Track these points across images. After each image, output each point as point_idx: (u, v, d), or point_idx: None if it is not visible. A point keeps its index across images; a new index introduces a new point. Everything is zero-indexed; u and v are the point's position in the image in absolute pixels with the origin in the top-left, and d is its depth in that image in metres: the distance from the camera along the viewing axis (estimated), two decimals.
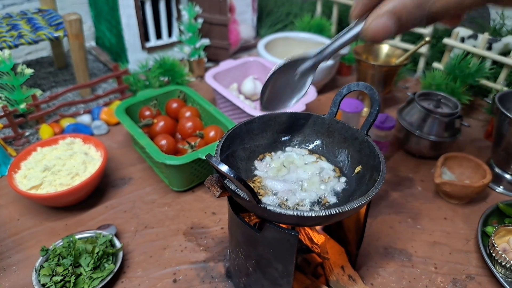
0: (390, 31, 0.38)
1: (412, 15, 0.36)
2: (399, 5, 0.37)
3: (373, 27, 0.38)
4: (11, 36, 1.07)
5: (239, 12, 1.42)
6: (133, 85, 1.15)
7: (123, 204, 0.85)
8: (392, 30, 0.38)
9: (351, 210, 0.46)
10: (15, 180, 0.80)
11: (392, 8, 0.37)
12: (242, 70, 1.18)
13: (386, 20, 0.37)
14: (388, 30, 0.38)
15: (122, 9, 1.18)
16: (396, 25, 0.38)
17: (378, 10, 0.38)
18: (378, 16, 0.38)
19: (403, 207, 0.86)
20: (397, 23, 0.37)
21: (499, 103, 0.85)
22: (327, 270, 0.67)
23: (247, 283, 0.62)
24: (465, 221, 0.82)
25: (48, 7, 1.24)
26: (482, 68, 1.09)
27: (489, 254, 0.71)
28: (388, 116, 0.93)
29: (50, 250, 0.70)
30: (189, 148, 0.88)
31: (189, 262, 0.73)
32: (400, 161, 0.99)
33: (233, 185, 0.48)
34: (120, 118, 0.92)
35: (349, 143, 0.61)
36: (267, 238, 0.52)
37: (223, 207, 0.85)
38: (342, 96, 0.60)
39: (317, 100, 1.20)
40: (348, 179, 0.60)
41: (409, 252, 0.75)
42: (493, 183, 0.91)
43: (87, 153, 0.87)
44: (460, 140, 1.05)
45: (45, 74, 1.34)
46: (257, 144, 0.63)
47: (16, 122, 0.99)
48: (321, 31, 1.40)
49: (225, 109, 1.07)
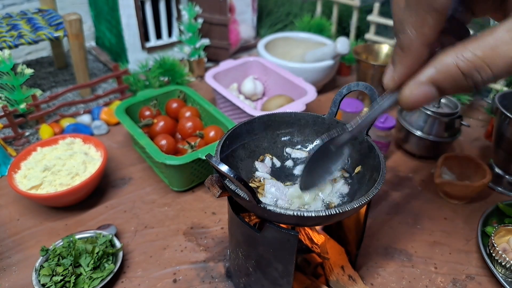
0: (430, 98, 0.34)
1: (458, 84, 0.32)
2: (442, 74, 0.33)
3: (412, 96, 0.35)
4: (11, 36, 1.07)
5: (239, 12, 1.42)
6: (133, 85, 1.15)
7: (123, 204, 0.85)
8: (433, 98, 0.34)
9: (351, 210, 0.46)
10: (15, 180, 0.80)
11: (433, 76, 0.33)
12: (242, 70, 1.18)
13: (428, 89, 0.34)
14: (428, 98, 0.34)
15: (122, 9, 1.18)
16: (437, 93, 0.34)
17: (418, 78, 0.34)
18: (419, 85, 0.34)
19: (403, 207, 0.86)
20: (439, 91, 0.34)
21: (499, 103, 0.85)
22: (327, 270, 0.67)
23: (247, 283, 0.62)
24: (465, 221, 0.82)
25: (48, 7, 1.24)
26: None
27: (489, 254, 0.71)
28: (388, 116, 0.93)
29: (50, 250, 0.70)
30: (189, 148, 0.88)
31: (189, 262, 0.73)
32: (400, 161, 0.99)
33: (233, 185, 0.48)
34: (120, 118, 0.92)
35: (349, 143, 0.61)
36: (267, 238, 0.52)
37: (223, 207, 0.85)
38: (342, 96, 0.60)
39: (317, 100, 1.20)
40: (350, 179, 0.60)
41: (409, 252, 0.75)
42: (493, 183, 0.91)
43: (87, 153, 0.87)
44: (460, 140, 1.05)
45: (45, 74, 1.34)
46: (257, 144, 0.63)
47: (16, 122, 0.99)
48: (321, 31, 1.40)
49: (225, 109, 1.07)
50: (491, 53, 0.30)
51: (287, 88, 1.10)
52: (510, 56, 0.30)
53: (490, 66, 0.30)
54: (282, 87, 1.12)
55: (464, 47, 0.31)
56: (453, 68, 0.32)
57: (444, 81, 0.33)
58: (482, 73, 0.31)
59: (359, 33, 1.45)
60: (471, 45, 0.31)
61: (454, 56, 0.32)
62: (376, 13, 1.31)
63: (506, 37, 0.30)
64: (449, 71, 0.32)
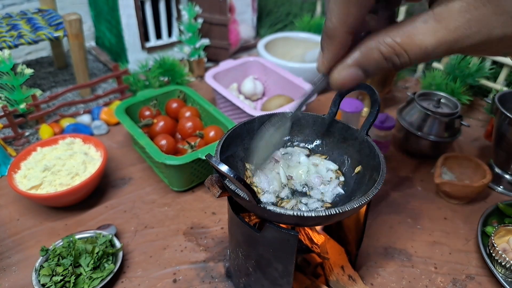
0: (356, 79, 0.38)
1: (379, 66, 0.36)
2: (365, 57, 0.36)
3: (341, 78, 0.38)
4: (11, 36, 1.07)
5: (239, 12, 1.42)
6: (133, 85, 1.15)
7: (123, 204, 0.85)
8: (359, 79, 0.38)
9: (351, 210, 0.46)
10: (15, 180, 0.80)
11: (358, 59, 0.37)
12: (242, 70, 1.18)
13: (354, 71, 0.37)
14: (354, 79, 0.38)
15: (122, 9, 1.18)
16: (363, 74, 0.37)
17: (344, 61, 0.38)
18: (345, 68, 0.38)
19: (403, 207, 0.86)
20: (364, 73, 0.37)
21: (499, 103, 0.85)
22: (327, 270, 0.67)
23: (247, 283, 0.62)
24: (465, 221, 0.82)
25: (48, 7, 1.24)
26: (482, 68, 1.09)
27: (489, 254, 0.71)
28: (388, 116, 0.93)
29: (50, 250, 0.70)
30: (189, 148, 0.88)
31: (189, 262, 0.73)
32: (400, 161, 0.99)
33: (233, 185, 0.48)
34: (120, 118, 0.92)
35: (349, 143, 0.61)
36: (267, 238, 0.52)
37: (223, 207, 0.85)
38: (342, 96, 0.60)
39: (317, 100, 1.20)
40: (348, 179, 0.60)
41: (409, 252, 0.76)
42: (493, 183, 0.91)
43: (87, 153, 0.87)
44: (460, 140, 1.05)
45: (45, 74, 1.34)
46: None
47: (16, 122, 0.99)
48: (321, 31, 1.40)
49: (225, 109, 1.07)
50: (408, 40, 0.34)
51: (287, 88, 1.10)
52: (424, 45, 0.33)
53: (407, 52, 0.34)
54: (282, 87, 1.12)
55: (386, 34, 0.35)
56: (375, 52, 0.35)
57: (368, 64, 0.36)
58: (400, 57, 0.35)
59: None
60: (392, 32, 0.34)
61: (376, 42, 0.35)
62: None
63: (422, 28, 0.33)
64: (372, 55, 0.36)
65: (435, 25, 0.33)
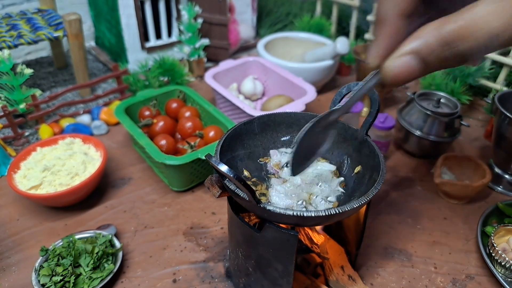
0: (413, 71, 0.34)
1: (439, 55, 0.32)
2: (423, 43, 0.32)
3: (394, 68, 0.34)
4: (11, 36, 1.07)
5: (238, 12, 1.42)
6: (133, 85, 1.15)
7: (123, 204, 0.85)
8: (417, 70, 0.34)
9: (351, 210, 0.46)
10: (14, 180, 0.80)
11: (415, 46, 0.33)
12: (241, 70, 1.18)
13: (409, 60, 0.33)
14: (411, 70, 0.34)
15: (121, 9, 1.18)
16: (421, 66, 0.33)
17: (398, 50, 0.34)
18: (399, 56, 0.34)
19: (403, 207, 0.86)
20: (422, 64, 0.33)
21: (498, 103, 0.85)
22: (327, 270, 0.67)
23: (247, 283, 0.62)
24: (465, 221, 0.82)
25: (48, 7, 1.24)
26: (481, 68, 1.09)
27: (488, 254, 0.71)
28: (388, 116, 0.93)
29: (49, 250, 0.70)
30: (189, 148, 0.88)
31: (189, 262, 0.73)
32: (400, 161, 0.99)
33: (233, 185, 0.48)
34: (120, 118, 0.92)
35: (349, 143, 0.61)
36: (267, 238, 0.52)
37: (223, 207, 0.85)
38: (342, 96, 0.60)
39: (317, 100, 1.20)
40: (348, 179, 0.60)
41: (409, 252, 0.76)
42: (493, 183, 0.91)
43: (86, 153, 0.87)
44: (460, 140, 1.05)
45: (44, 74, 1.34)
46: (257, 144, 0.63)
47: (16, 122, 0.99)
48: (321, 31, 1.40)
49: (224, 109, 1.07)
50: (472, 23, 0.31)
51: (286, 88, 1.10)
52: (490, 28, 0.30)
53: (472, 36, 0.31)
54: (282, 87, 1.12)
55: (448, 19, 0.32)
56: (435, 37, 0.32)
57: (427, 51, 0.33)
58: (464, 43, 0.31)
59: (359, 33, 1.45)
60: (454, 17, 0.32)
61: (436, 27, 0.32)
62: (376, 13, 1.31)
63: (487, 9, 0.31)
64: (432, 41, 0.32)
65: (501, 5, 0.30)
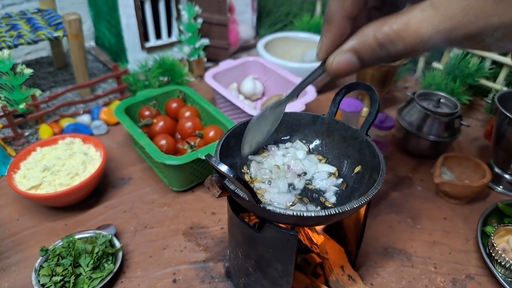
0: (353, 66, 0.38)
1: (375, 54, 0.36)
2: (361, 44, 0.36)
3: (336, 63, 0.39)
4: (11, 36, 1.07)
5: (238, 12, 1.42)
6: (133, 85, 1.15)
7: (123, 204, 0.85)
8: (355, 66, 0.38)
9: (350, 210, 0.46)
10: (14, 180, 0.80)
11: (354, 45, 0.37)
12: (241, 70, 1.18)
13: (349, 57, 0.38)
14: (350, 65, 0.38)
15: (121, 9, 1.18)
16: (359, 62, 0.38)
17: (341, 47, 0.38)
18: (341, 53, 0.38)
19: (402, 207, 0.86)
20: (360, 60, 0.37)
21: (498, 103, 0.85)
22: (327, 270, 0.67)
23: (246, 283, 0.62)
24: (465, 221, 0.82)
25: (48, 7, 1.24)
26: (481, 68, 1.09)
27: (488, 254, 0.71)
28: (387, 116, 0.93)
29: (49, 250, 0.70)
30: (189, 148, 0.88)
31: (188, 262, 0.73)
32: (400, 161, 0.99)
33: (232, 185, 0.48)
34: (120, 118, 0.92)
35: (349, 143, 0.61)
36: (267, 238, 0.52)
37: (223, 207, 0.85)
38: (341, 96, 0.59)
39: (317, 100, 1.20)
40: (348, 179, 0.60)
41: (409, 252, 0.76)
42: (492, 183, 0.91)
43: (86, 153, 0.87)
44: (459, 140, 1.05)
45: (44, 74, 1.34)
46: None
47: (16, 122, 0.99)
48: (321, 31, 1.40)
49: (224, 109, 1.07)
50: (404, 28, 0.33)
51: (286, 88, 1.10)
52: (420, 33, 0.33)
53: (403, 39, 0.34)
54: (282, 87, 1.12)
55: (384, 21, 0.35)
56: (371, 38, 0.35)
57: (364, 51, 0.36)
58: (395, 45, 0.34)
59: None
60: (389, 20, 0.34)
61: (374, 29, 0.35)
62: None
63: (419, 16, 0.33)
64: (368, 42, 0.36)
65: (432, 13, 0.32)
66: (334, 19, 0.38)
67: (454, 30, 0.32)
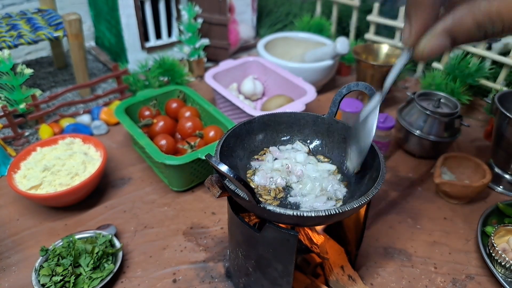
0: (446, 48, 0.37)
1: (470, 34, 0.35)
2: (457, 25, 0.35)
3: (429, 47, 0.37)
4: (11, 36, 1.07)
5: (238, 12, 1.42)
6: (133, 85, 1.15)
7: (123, 204, 0.85)
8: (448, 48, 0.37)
9: (350, 210, 0.46)
10: (14, 180, 0.80)
11: (449, 27, 0.35)
12: (241, 70, 1.18)
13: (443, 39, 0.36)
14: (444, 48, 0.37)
15: (121, 9, 1.18)
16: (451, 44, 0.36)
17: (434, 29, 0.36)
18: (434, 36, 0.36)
19: (403, 207, 0.86)
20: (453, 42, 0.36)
21: (498, 103, 0.85)
22: (327, 270, 0.67)
23: (246, 283, 0.62)
24: (465, 221, 0.82)
25: (48, 7, 1.24)
26: (481, 68, 1.09)
27: (488, 254, 0.71)
28: (388, 116, 0.93)
29: (49, 250, 0.70)
30: (189, 148, 0.88)
31: (188, 262, 0.73)
32: (400, 161, 0.99)
33: (233, 185, 0.48)
34: (120, 118, 0.92)
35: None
36: (267, 238, 0.52)
37: (223, 207, 0.85)
38: (342, 96, 0.59)
39: (317, 100, 1.20)
40: (348, 179, 0.60)
41: (409, 252, 0.76)
42: (493, 183, 0.91)
43: (86, 153, 0.87)
44: (459, 140, 1.05)
45: (44, 74, 1.34)
46: (257, 144, 0.63)
47: (16, 122, 0.99)
48: (321, 31, 1.40)
49: (224, 109, 1.07)
50: (504, 5, 0.32)
51: (286, 88, 1.10)
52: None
53: (504, 19, 0.32)
54: (282, 87, 1.12)
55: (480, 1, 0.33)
56: (469, 19, 0.34)
57: (459, 31, 0.35)
58: (494, 26, 0.33)
59: (359, 33, 1.45)
60: None
61: (471, 8, 0.34)
62: (375, 13, 1.31)
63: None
64: (465, 22, 0.34)
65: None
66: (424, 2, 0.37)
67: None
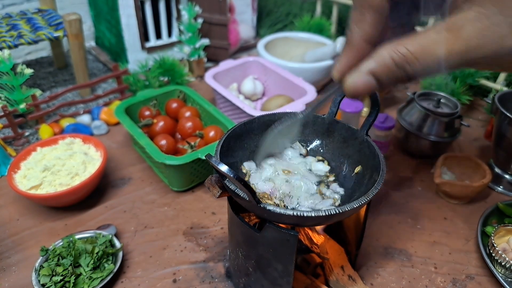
0: (370, 87, 0.38)
1: (393, 74, 0.36)
2: (380, 65, 0.36)
3: (352, 84, 0.39)
4: (11, 36, 1.07)
5: (238, 12, 1.42)
6: (133, 85, 1.15)
7: (123, 204, 0.85)
8: (373, 87, 0.38)
9: (350, 210, 0.46)
10: (14, 180, 0.80)
11: (372, 67, 0.37)
12: (241, 70, 1.18)
13: (366, 78, 0.38)
14: (368, 87, 0.38)
15: (121, 9, 1.18)
16: (376, 83, 0.38)
17: (359, 69, 0.38)
18: (358, 74, 0.38)
19: (403, 207, 0.86)
20: (377, 81, 0.38)
21: (499, 103, 0.85)
22: (327, 270, 0.67)
23: (247, 283, 0.62)
24: (465, 221, 0.82)
25: (48, 7, 1.24)
26: None
27: (489, 254, 0.71)
28: (388, 116, 0.93)
29: (50, 250, 0.70)
30: (189, 148, 0.88)
31: (188, 262, 0.73)
32: (400, 161, 0.99)
33: (233, 185, 0.48)
34: (120, 118, 0.92)
35: (349, 143, 0.61)
36: (267, 238, 0.52)
37: (223, 207, 0.85)
38: (342, 96, 0.60)
39: (317, 100, 1.20)
40: (348, 179, 0.60)
41: (409, 252, 0.75)
42: (493, 183, 0.91)
43: (86, 153, 0.87)
44: (460, 140, 1.05)
45: (44, 74, 1.34)
46: (257, 144, 0.63)
47: (16, 122, 0.99)
48: (321, 31, 1.40)
49: (225, 109, 1.07)
50: (421, 49, 0.34)
51: (287, 88, 1.10)
52: (436, 54, 0.34)
53: (419, 60, 0.34)
54: (282, 87, 1.12)
55: (400, 43, 0.35)
56: (388, 59, 0.36)
57: (381, 72, 0.37)
58: (412, 66, 0.35)
59: None
60: (406, 41, 0.35)
61: (390, 50, 0.36)
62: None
63: (435, 38, 0.34)
64: (385, 63, 0.36)
65: (447, 35, 0.33)
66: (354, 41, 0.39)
67: (469, 52, 0.32)
